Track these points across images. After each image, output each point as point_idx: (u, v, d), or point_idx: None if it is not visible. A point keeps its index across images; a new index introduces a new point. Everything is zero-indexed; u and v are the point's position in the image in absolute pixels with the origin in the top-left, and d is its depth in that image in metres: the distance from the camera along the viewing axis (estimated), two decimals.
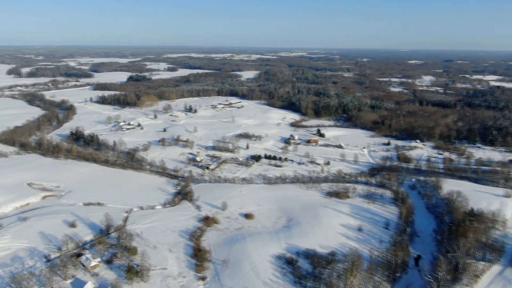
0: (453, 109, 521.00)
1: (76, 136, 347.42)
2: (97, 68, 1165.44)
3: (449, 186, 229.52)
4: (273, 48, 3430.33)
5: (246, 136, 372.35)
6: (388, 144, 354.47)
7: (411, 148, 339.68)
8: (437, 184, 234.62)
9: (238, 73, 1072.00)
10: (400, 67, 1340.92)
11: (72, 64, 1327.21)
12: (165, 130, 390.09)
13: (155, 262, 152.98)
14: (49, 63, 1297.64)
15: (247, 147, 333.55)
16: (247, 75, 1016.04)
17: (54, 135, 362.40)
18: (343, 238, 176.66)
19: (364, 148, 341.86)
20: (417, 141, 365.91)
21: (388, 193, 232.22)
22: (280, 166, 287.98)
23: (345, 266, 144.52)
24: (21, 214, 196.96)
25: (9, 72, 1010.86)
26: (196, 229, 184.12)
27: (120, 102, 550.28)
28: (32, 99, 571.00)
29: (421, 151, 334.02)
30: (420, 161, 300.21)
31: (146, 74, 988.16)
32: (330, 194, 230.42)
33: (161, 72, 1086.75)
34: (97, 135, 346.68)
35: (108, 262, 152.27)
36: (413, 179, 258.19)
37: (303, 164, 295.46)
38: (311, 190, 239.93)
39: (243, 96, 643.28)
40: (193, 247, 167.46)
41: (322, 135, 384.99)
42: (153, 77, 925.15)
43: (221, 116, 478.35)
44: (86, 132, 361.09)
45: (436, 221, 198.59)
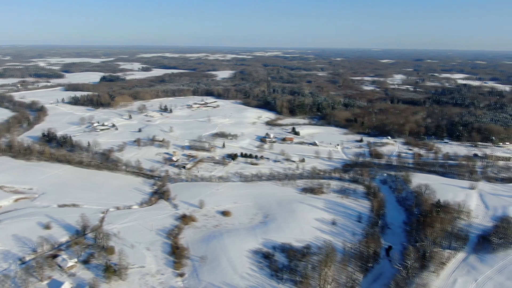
0: (422, 106, 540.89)
1: (49, 138, 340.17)
2: (68, 69, 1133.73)
3: (418, 180, 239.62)
4: (248, 47, 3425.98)
5: (222, 135, 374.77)
6: (361, 141, 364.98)
7: (382, 145, 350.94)
8: (407, 178, 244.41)
9: (214, 72, 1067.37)
10: (373, 66, 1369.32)
11: (42, 64, 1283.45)
12: (140, 131, 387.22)
13: (133, 260, 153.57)
14: (18, 63, 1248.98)
15: (223, 146, 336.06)
16: (223, 74, 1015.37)
17: (25, 137, 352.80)
18: (317, 232, 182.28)
19: (337, 145, 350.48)
20: (389, 137, 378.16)
21: (360, 188, 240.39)
22: (256, 164, 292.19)
23: (319, 258, 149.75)
24: None
25: None
26: (173, 227, 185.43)
27: (94, 102, 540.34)
28: (0, 100, 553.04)
29: (392, 147, 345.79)
30: (391, 157, 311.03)
31: (119, 74, 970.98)
32: (305, 190, 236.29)
33: (135, 72, 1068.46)
34: (70, 137, 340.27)
35: (85, 262, 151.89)
36: (384, 174, 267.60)
37: (279, 161, 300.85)
38: (287, 186, 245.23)
39: (218, 96, 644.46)
40: (170, 245, 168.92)
41: (297, 133, 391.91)
42: (127, 77, 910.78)
43: (197, 116, 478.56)
44: (59, 133, 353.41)
45: (406, 213, 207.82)
